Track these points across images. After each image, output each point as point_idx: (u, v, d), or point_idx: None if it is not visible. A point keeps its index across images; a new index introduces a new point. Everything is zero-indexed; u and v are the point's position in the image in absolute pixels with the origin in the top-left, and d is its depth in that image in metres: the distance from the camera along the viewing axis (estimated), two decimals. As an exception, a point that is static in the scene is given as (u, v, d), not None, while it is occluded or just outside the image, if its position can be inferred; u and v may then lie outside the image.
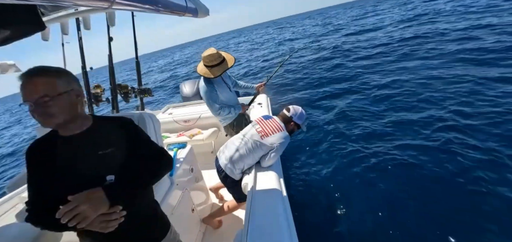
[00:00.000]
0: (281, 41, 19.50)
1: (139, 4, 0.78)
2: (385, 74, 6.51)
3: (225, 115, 2.34)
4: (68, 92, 0.82)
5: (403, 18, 14.40)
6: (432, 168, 2.95)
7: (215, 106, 2.26)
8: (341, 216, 2.52)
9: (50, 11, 1.52)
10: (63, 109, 0.81)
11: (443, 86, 4.92)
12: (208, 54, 2.17)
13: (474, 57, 6.00)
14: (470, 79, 4.83)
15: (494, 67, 5.17)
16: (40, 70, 0.78)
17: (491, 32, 7.56)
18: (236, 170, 1.85)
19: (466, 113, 3.81)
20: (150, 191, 1.09)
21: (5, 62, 1.87)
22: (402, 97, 4.94)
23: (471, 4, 12.45)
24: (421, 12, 14.45)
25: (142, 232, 1.00)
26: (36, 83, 0.76)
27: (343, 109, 5.01)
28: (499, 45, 6.10)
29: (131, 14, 2.54)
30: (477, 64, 5.56)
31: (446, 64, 6.02)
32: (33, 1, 0.63)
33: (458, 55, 6.34)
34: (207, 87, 2.22)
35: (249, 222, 1.30)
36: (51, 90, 0.77)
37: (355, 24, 18.05)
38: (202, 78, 2.29)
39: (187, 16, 1.18)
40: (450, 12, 12.31)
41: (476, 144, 3.09)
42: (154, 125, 1.66)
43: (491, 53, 5.86)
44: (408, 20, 13.39)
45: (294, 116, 1.94)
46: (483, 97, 4.12)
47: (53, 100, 0.77)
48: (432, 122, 3.82)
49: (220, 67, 2.18)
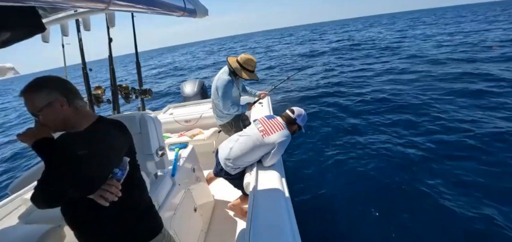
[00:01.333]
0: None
1: (137, 5, 0.78)
2: (383, 81, 6.50)
3: (233, 112, 2.46)
4: (50, 104, 0.85)
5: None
6: (438, 166, 2.96)
7: (228, 102, 2.39)
8: (344, 216, 2.51)
9: (49, 12, 1.52)
10: (50, 121, 0.86)
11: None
12: (249, 58, 2.37)
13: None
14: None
15: None
16: (25, 88, 0.85)
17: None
18: (233, 166, 1.88)
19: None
20: (143, 189, 1.11)
21: (4, 65, 1.87)
22: (407, 99, 4.95)
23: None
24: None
25: (129, 232, 1.01)
26: (25, 101, 0.85)
27: (345, 111, 5.01)
28: None
29: (131, 15, 2.53)
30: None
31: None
32: (33, 3, 0.63)
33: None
34: (228, 83, 2.34)
35: (252, 221, 1.30)
36: (33, 107, 0.84)
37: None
38: (224, 73, 2.41)
39: (185, 16, 1.17)
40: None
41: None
42: (155, 125, 1.66)
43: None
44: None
45: (298, 118, 1.93)
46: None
47: (40, 115, 0.85)
48: (438, 125, 3.81)
49: (251, 74, 2.38)
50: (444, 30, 16.79)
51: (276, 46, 24.74)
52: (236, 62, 2.37)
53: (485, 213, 2.26)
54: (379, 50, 12.67)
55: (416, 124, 4.05)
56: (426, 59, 9.01)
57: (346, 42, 17.94)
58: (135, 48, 2.77)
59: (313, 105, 5.80)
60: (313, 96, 6.56)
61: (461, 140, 3.40)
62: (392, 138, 3.69)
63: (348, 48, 14.78)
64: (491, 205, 2.34)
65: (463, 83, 5.69)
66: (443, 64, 7.88)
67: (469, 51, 9.36)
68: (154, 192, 1.52)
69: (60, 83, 0.90)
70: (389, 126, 4.10)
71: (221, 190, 2.47)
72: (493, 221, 2.18)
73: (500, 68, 6.41)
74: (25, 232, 1.35)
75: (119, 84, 2.57)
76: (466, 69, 6.87)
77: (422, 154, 3.24)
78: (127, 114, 1.75)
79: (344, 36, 22.95)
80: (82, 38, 2.19)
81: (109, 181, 0.88)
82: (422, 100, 4.92)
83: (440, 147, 3.32)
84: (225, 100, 2.37)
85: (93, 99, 2.35)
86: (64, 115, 0.89)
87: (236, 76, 2.39)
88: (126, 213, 0.99)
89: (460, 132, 3.58)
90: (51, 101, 0.86)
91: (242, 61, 2.35)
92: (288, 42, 27.62)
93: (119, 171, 0.91)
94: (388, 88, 5.99)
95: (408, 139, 3.58)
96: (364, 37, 19.62)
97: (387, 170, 3.04)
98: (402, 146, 3.44)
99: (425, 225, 2.27)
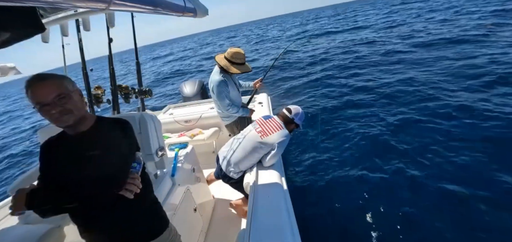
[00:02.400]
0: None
1: (137, 5, 0.78)
2: (391, 74, 6.49)
3: (233, 113, 2.39)
4: (75, 92, 0.91)
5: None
6: (437, 163, 2.96)
7: (225, 101, 2.31)
8: (344, 216, 2.51)
9: (49, 13, 1.52)
10: (76, 105, 0.89)
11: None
12: (236, 51, 2.26)
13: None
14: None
15: None
16: (48, 75, 0.86)
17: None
18: (235, 171, 1.88)
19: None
20: (150, 190, 1.13)
21: (5, 65, 1.87)
22: (410, 97, 4.93)
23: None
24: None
25: (139, 227, 1.04)
26: (48, 85, 0.83)
27: (346, 107, 5.01)
28: None
29: (130, 15, 2.53)
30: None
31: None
32: (32, 3, 0.63)
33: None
34: (221, 81, 2.26)
35: (252, 221, 1.30)
36: (64, 89, 0.86)
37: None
38: (216, 73, 2.33)
39: (186, 16, 1.17)
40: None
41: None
42: (155, 125, 1.66)
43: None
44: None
45: (295, 117, 1.94)
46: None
47: (66, 98, 0.86)
48: (445, 118, 3.81)
49: (241, 67, 2.28)
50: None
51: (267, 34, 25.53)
52: (224, 58, 2.29)
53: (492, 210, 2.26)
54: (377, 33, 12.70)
55: (418, 112, 4.08)
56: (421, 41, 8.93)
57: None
58: (135, 48, 2.77)
59: (311, 98, 5.83)
60: (311, 86, 6.64)
61: (464, 131, 3.41)
62: (395, 133, 3.69)
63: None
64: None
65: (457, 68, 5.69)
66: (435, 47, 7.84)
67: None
68: (154, 192, 1.52)
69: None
70: (392, 121, 4.08)
71: (221, 190, 2.47)
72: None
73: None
74: (25, 232, 1.35)
75: (119, 84, 2.57)
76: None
77: (423, 145, 3.27)
78: (127, 114, 1.75)
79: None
80: (82, 38, 2.19)
81: (131, 174, 0.93)
82: (425, 92, 4.85)
83: (441, 138, 3.35)
84: (222, 101, 2.31)
85: (93, 99, 2.35)
86: (84, 106, 0.94)
87: (227, 74, 2.31)
88: (136, 209, 1.01)
89: (463, 125, 3.56)
90: (76, 89, 0.92)
91: (229, 56, 2.26)
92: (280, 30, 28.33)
93: (137, 165, 0.97)
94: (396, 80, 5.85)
95: (412, 139, 3.57)
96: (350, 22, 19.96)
97: (389, 168, 3.03)
98: (406, 146, 3.43)
99: (427, 218, 2.29)
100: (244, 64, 2.31)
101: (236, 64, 2.26)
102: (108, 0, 0.65)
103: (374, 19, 19.30)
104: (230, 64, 2.25)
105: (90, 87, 2.39)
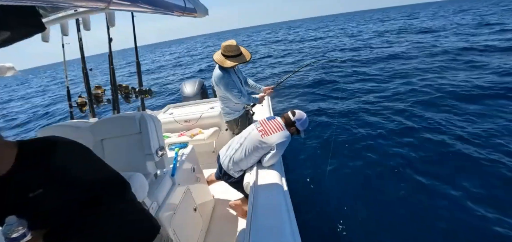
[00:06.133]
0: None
1: (137, 4, 0.77)
2: (394, 79, 6.43)
3: (244, 102, 2.37)
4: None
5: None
6: (438, 168, 2.96)
7: (235, 91, 2.28)
8: (344, 216, 2.50)
9: (49, 12, 1.52)
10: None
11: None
12: (228, 44, 2.22)
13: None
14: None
15: None
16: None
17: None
18: (235, 169, 1.88)
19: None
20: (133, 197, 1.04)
21: (4, 65, 1.88)
22: (411, 99, 4.92)
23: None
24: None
25: (125, 234, 0.98)
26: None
27: (347, 110, 5.00)
28: None
29: (131, 15, 2.54)
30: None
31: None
32: (33, 3, 0.63)
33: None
34: (224, 74, 2.25)
35: (252, 221, 1.30)
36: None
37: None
38: (217, 67, 2.31)
39: (186, 16, 1.17)
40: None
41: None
42: (155, 125, 1.66)
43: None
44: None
45: (297, 121, 1.92)
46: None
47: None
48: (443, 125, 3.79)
49: (236, 59, 2.24)
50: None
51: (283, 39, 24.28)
52: (219, 54, 2.27)
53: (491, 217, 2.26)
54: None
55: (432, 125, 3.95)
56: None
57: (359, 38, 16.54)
58: (135, 48, 2.77)
59: (315, 102, 5.78)
60: (315, 93, 6.50)
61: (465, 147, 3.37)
62: (395, 141, 3.68)
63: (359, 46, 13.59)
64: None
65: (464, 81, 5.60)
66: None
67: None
68: (154, 192, 1.52)
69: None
70: (395, 130, 4.05)
71: (221, 190, 2.47)
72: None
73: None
74: (25, 232, 1.34)
75: (119, 84, 2.57)
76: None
77: (424, 156, 3.24)
78: (127, 114, 1.75)
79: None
80: (82, 38, 2.20)
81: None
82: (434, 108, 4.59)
83: (445, 151, 3.29)
84: (231, 90, 2.26)
85: (93, 99, 2.35)
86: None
87: (224, 69, 2.27)
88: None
89: (465, 140, 3.50)
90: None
91: (222, 50, 2.24)
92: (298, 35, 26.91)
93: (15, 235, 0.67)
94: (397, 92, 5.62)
95: (413, 139, 3.57)
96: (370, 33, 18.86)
97: (389, 172, 3.03)
98: (406, 146, 3.43)
99: (427, 218, 2.29)
100: (239, 55, 2.25)
101: (230, 57, 2.22)
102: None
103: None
104: (224, 58, 2.23)
105: (90, 86, 2.39)
